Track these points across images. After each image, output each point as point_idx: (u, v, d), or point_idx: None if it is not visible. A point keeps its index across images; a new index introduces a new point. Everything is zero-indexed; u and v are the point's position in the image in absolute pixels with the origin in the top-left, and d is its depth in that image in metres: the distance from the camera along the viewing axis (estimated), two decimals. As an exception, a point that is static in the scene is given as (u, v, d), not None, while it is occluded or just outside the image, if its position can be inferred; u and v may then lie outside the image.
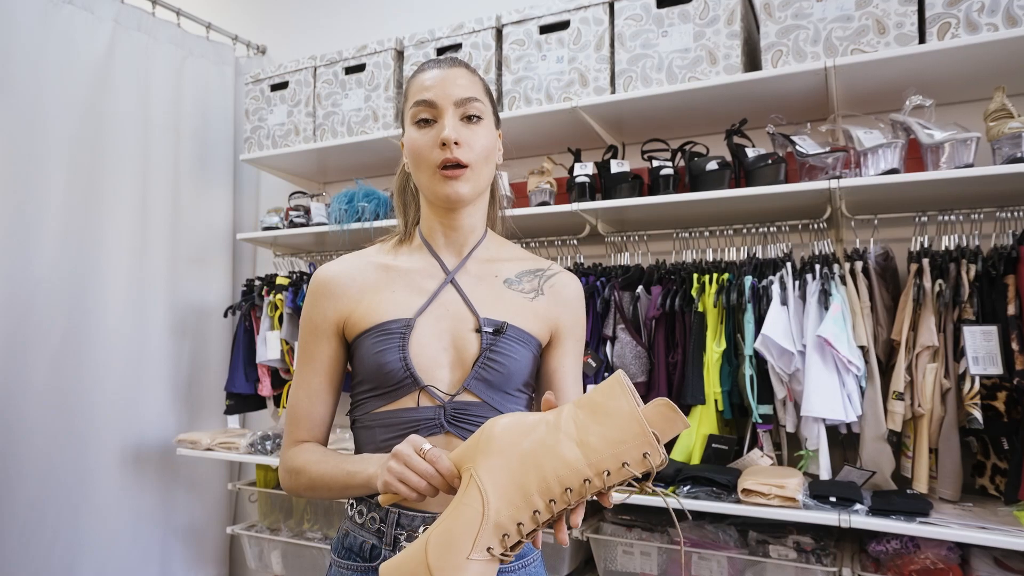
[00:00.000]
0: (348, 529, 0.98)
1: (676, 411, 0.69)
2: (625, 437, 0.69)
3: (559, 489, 0.70)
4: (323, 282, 0.99)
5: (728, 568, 1.67)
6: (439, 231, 1.00)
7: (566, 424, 0.72)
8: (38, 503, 2.21)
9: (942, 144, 1.53)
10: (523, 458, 0.72)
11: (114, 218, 2.43)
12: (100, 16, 2.41)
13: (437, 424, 0.91)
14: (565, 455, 0.70)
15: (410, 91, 0.97)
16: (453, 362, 0.93)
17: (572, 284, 1.04)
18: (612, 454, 0.69)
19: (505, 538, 0.71)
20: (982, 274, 1.56)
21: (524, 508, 0.71)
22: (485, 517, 0.70)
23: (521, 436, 0.74)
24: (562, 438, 0.71)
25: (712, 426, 1.75)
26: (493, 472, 0.72)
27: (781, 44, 1.71)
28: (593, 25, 1.94)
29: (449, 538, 0.70)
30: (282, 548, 2.32)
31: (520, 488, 0.71)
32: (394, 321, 0.93)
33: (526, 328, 0.97)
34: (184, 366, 2.65)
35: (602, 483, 0.69)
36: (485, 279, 0.99)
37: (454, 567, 0.69)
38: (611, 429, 0.70)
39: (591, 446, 0.70)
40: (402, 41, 2.26)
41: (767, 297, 1.69)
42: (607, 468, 0.69)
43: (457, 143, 0.91)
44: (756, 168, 1.73)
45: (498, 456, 0.73)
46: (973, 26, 1.53)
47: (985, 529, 1.35)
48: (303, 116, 2.43)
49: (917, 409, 1.55)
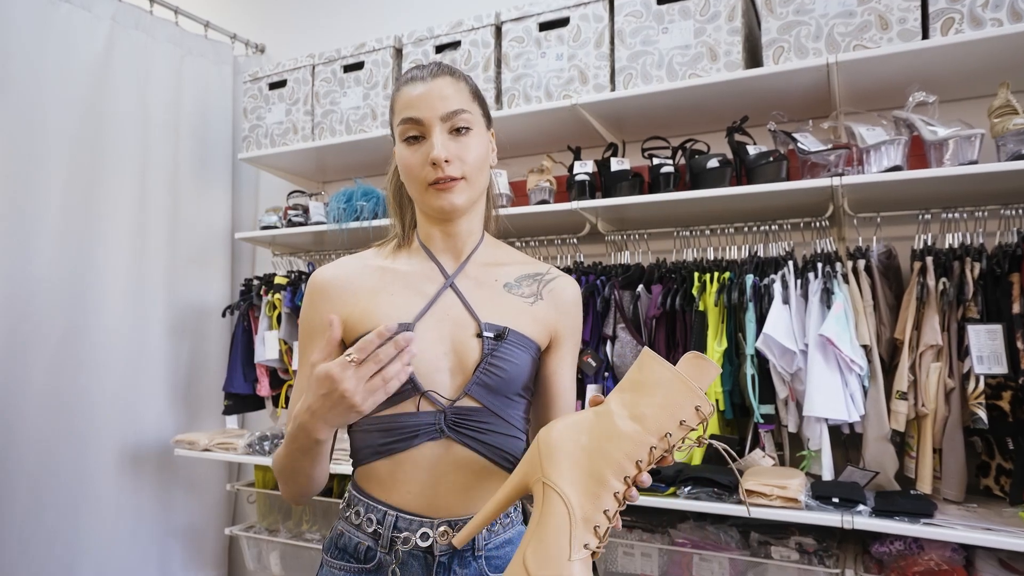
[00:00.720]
0: (343, 529, 0.96)
1: (705, 359, 0.74)
2: (675, 398, 0.73)
3: (630, 464, 0.73)
4: (321, 285, 0.98)
5: (730, 569, 1.65)
6: (437, 236, 1.00)
7: (617, 408, 0.76)
8: (36, 503, 2.20)
9: (946, 141, 1.52)
10: (588, 451, 0.75)
11: (112, 217, 2.42)
12: (98, 14, 2.40)
13: (437, 429, 0.90)
14: (627, 432, 0.74)
15: (396, 106, 0.96)
16: (453, 367, 0.92)
17: (571, 288, 1.04)
18: (669, 416, 0.73)
19: (596, 529, 0.73)
20: (986, 272, 1.54)
21: (605, 494, 0.73)
22: (573, 517, 0.72)
23: (579, 434, 0.77)
24: (617, 420, 0.74)
25: (713, 426, 1.73)
26: (565, 474, 0.75)
27: (783, 40, 1.70)
28: (593, 22, 1.93)
29: (545, 547, 0.71)
30: (281, 549, 2.31)
31: (595, 477, 0.74)
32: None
33: (526, 333, 0.96)
34: (182, 366, 2.64)
35: (667, 444, 0.73)
36: (485, 283, 0.99)
37: (559, 572, 0.70)
38: (660, 396, 0.74)
39: (647, 416, 0.73)
40: (401, 39, 2.24)
41: (768, 296, 1.68)
42: (668, 430, 0.73)
43: (448, 160, 0.90)
44: (757, 166, 1.71)
45: (564, 459, 0.75)
46: (977, 21, 1.51)
47: (990, 530, 1.33)
48: (301, 115, 2.42)
49: (921, 409, 1.53)
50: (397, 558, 0.90)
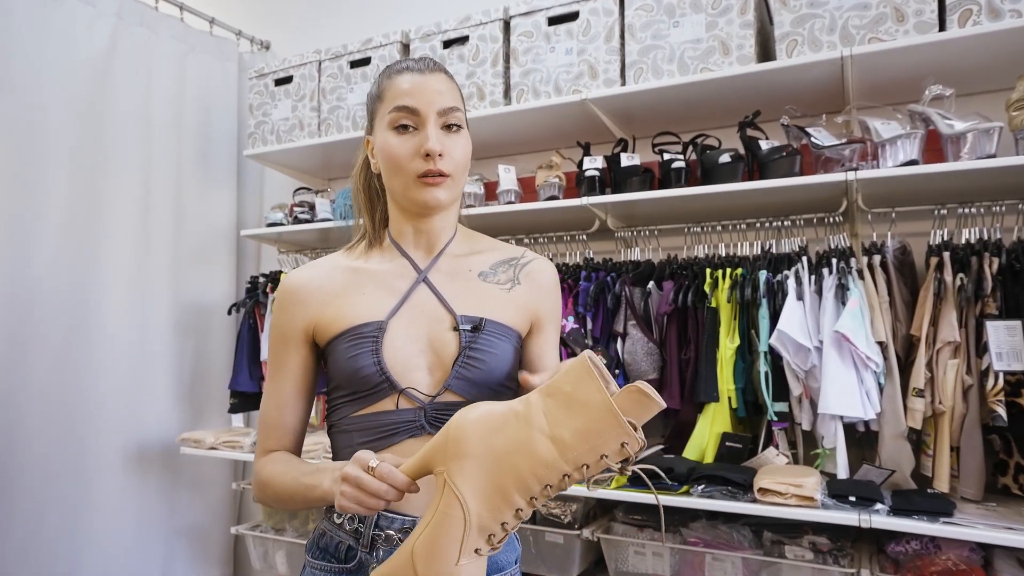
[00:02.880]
0: (325, 529, 0.96)
1: (649, 394, 0.67)
2: (600, 429, 0.67)
3: (538, 487, 0.69)
4: (291, 289, 0.97)
5: (743, 569, 1.63)
6: (409, 233, 0.99)
7: (537, 418, 0.70)
8: (40, 502, 2.18)
9: (963, 134, 1.50)
10: (498, 459, 0.70)
11: (116, 215, 2.40)
12: (102, 11, 2.38)
13: (417, 426, 0.89)
14: (541, 453, 0.69)
15: (387, 93, 0.94)
16: (432, 363, 0.91)
17: (548, 270, 1.03)
18: (589, 448, 0.68)
19: (491, 537, 0.70)
20: (1005, 267, 1.52)
21: (506, 508, 0.70)
22: (468, 524, 0.69)
23: (492, 434, 0.72)
24: (535, 435, 0.69)
25: (726, 424, 1.72)
26: (468, 476, 0.70)
27: (796, 33, 1.68)
28: (603, 16, 1.91)
29: (434, 548, 0.69)
30: (287, 548, 2.29)
31: (499, 489, 0.70)
32: (366, 324, 0.91)
33: (505, 321, 0.95)
34: (187, 364, 2.62)
35: (581, 476, 0.69)
36: (459, 275, 0.98)
37: (446, 574, 0.68)
38: (585, 422, 0.68)
39: (566, 442, 0.68)
40: (408, 34, 2.23)
41: (782, 292, 1.65)
42: (585, 462, 0.68)
43: (441, 154, 0.90)
44: (770, 160, 1.69)
45: (471, 459, 0.71)
46: (996, 13, 1.49)
47: (1011, 529, 1.31)
48: (307, 111, 2.40)
49: (938, 406, 1.51)
50: (378, 556, 0.89)
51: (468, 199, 2.10)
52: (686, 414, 1.77)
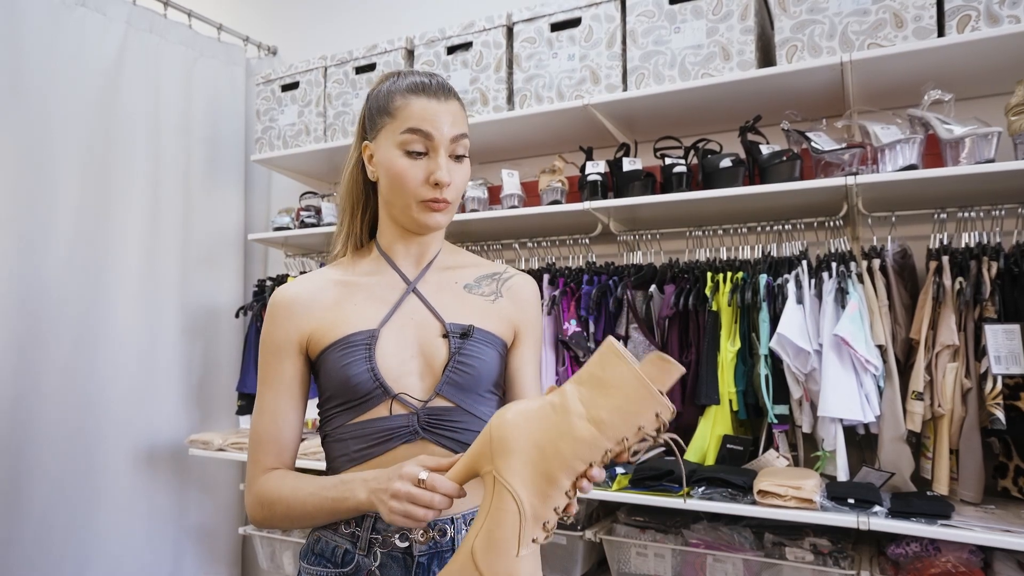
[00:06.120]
0: (320, 534, 0.96)
1: (670, 360, 0.72)
2: (635, 403, 0.71)
3: (583, 466, 0.73)
4: (283, 303, 0.98)
5: (744, 570, 1.65)
6: (400, 246, 1.01)
7: (573, 404, 0.74)
8: (51, 503, 2.21)
9: (962, 139, 1.50)
10: (541, 449, 0.74)
11: (125, 219, 2.43)
12: (112, 17, 2.42)
13: (411, 431, 0.91)
14: (583, 435, 0.72)
15: (400, 112, 0.94)
16: (422, 370, 0.94)
17: (528, 286, 1.07)
18: (626, 422, 0.72)
19: (546, 524, 0.73)
20: (1004, 271, 1.52)
21: (555, 492, 0.73)
22: (523, 516, 0.72)
23: (532, 427, 0.75)
24: (574, 420, 0.73)
25: (727, 426, 1.73)
26: (516, 470, 0.74)
27: (796, 39, 1.69)
28: (604, 22, 1.93)
29: (494, 543, 0.72)
30: (294, 549, 2.31)
31: (546, 476, 0.73)
32: (358, 333, 0.93)
33: (491, 330, 0.98)
34: (196, 367, 2.66)
35: (622, 448, 0.72)
36: (446, 286, 1.01)
37: (508, 568, 0.71)
38: (619, 399, 0.72)
39: (605, 421, 0.72)
40: (412, 40, 2.25)
41: (782, 296, 1.67)
42: (624, 436, 0.72)
43: (448, 184, 0.93)
44: (771, 165, 1.71)
45: (516, 454, 0.75)
46: (994, 18, 1.49)
47: (1010, 532, 1.32)
48: (314, 116, 2.43)
49: (937, 409, 1.52)
50: (376, 560, 0.90)
51: (472, 203, 2.12)
52: (687, 416, 1.78)
